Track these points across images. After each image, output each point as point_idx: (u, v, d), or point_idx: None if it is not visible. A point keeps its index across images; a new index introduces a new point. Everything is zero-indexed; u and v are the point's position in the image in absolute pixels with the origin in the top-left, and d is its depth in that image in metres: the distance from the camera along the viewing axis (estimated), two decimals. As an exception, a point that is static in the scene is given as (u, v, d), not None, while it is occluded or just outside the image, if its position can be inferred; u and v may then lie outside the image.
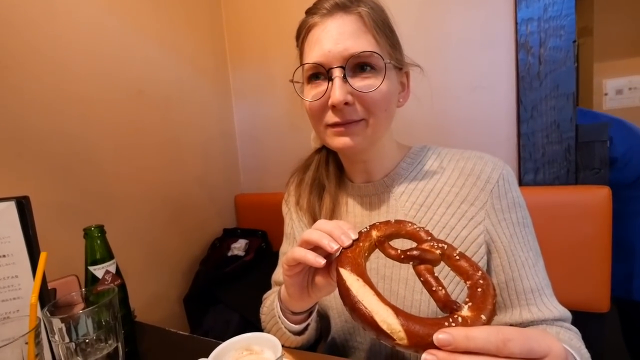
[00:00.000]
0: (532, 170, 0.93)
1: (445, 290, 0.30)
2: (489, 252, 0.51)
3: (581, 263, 0.83)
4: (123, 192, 0.93)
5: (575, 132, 0.88)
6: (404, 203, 0.55)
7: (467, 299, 0.29)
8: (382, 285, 0.54)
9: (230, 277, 1.03)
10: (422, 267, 0.32)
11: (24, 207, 0.53)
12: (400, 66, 0.53)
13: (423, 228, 0.37)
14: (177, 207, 1.10)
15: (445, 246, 0.34)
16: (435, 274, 0.32)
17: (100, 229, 0.58)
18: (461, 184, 0.53)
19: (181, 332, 0.64)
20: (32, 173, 0.73)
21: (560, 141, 0.89)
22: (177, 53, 1.13)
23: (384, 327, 0.27)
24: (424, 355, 0.25)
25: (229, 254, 1.12)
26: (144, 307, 0.95)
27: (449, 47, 0.98)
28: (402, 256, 0.34)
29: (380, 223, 0.39)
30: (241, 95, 1.38)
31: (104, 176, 0.88)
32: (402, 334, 0.27)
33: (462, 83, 0.98)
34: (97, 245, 0.57)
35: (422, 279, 0.32)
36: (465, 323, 0.27)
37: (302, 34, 0.53)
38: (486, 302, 0.28)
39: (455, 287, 0.51)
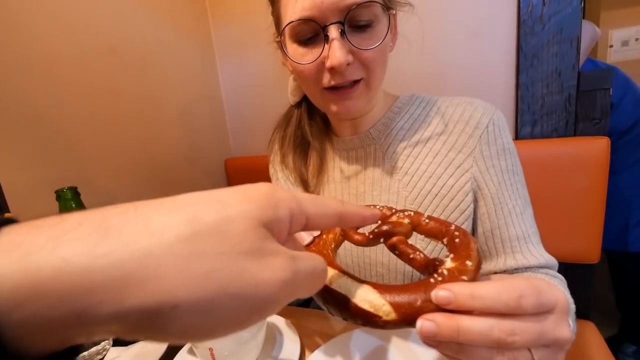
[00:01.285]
0: (529, 122, 0.89)
1: (424, 254, 0.28)
2: (475, 200, 0.50)
3: (575, 214, 0.82)
4: (102, 159, 0.89)
5: (578, 81, 0.83)
6: (391, 154, 0.53)
7: (448, 252, 0.27)
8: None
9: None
10: (394, 239, 0.30)
11: (-13, 169, 0.50)
12: (391, 7, 0.48)
13: (385, 206, 0.34)
14: (164, 173, 1.07)
15: (412, 213, 0.31)
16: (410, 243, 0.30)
17: (74, 190, 0.55)
18: (449, 131, 0.51)
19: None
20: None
21: (561, 91, 0.85)
22: (152, 6, 1.04)
23: (366, 306, 0.24)
24: (419, 323, 0.21)
25: (221, 218, 1.11)
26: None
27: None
28: (371, 236, 0.31)
29: None
30: (225, 54, 1.29)
31: (79, 143, 0.84)
32: (388, 307, 0.23)
33: (459, 29, 0.90)
34: (72, 208, 0.55)
35: (397, 252, 0.29)
36: (452, 274, 0.24)
37: None
38: (468, 248, 0.26)
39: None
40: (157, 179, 1.04)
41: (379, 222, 0.31)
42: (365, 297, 0.24)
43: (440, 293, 0.21)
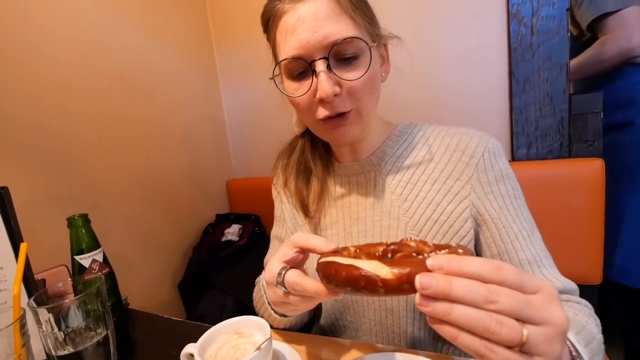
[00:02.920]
0: (524, 145, 0.92)
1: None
2: (477, 226, 0.51)
3: (574, 235, 0.83)
4: (109, 181, 0.91)
5: (569, 104, 0.86)
6: (390, 181, 0.55)
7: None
8: None
9: (225, 262, 1.04)
10: (399, 255, 0.32)
11: (3, 197, 0.52)
12: (379, 41, 0.51)
13: (393, 242, 0.37)
14: (168, 195, 1.09)
15: (418, 239, 0.34)
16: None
17: (84, 218, 0.57)
18: (447, 160, 0.53)
19: (174, 318, 0.64)
20: (10, 163, 0.71)
21: (554, 114, 0.88)
22: (159, 35, 1.09)
23: (368, 267, 0.27)
24: (417, 278, 0.24)
25: (223, 239, 1.12)
26: (139, 295, 0.96)
27: (437, 18, 0.95)
28: (379, 254, 0.34)
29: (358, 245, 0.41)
30: (228, 78, 1.34)
31: (87, 165, 0.86)
32: (386, 269, 0.26)
33: (452, 56, 0.95)
34: (82, 235, 0.56)
35: (402, 260, 0.32)
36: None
37: (271, 22, 0.50)
38: (465, 248, 0.29)
39: None
40: (160, 200, 1.06)
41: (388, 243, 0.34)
42: (368, 263, 0.28)
43: (433, 261, 0.25)
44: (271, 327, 0.54)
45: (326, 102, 0.46)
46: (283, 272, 0.39)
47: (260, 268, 0.72)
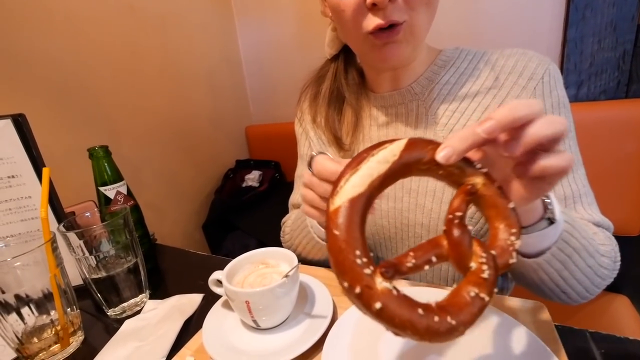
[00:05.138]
0: (574, 84, 0.82)
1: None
2: None
3: (618, 184, 0.77)
4: (127, 117, 0.90)
5: (636, 35, 0.75)
6: (435, 110, 0.49)
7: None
8: (408, 199, 0.50)
9: (246, 206, 1.04)
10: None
11: (21, 125, 0.50)
12: None
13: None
14: (187, 138, 1.08)
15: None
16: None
17: (105, 149, 0.55)
18: (500, 85, 0.46)
19: (200, 252, 0.65)
20: (26, 94, 0.70)
21: (615, 47, 0.77)
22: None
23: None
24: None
25: (243, 184, 1.12)
26: (165, 234, 0.99)
27: None
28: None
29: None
30: (244, 15, 1.24)
31: (102, 99, 0.84)
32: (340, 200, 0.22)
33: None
34: (104, 166, 0.55)
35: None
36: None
37: None
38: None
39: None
40: (180, 141, 1.05)
41: None
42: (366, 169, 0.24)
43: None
44: (305, 259, 0.53)
45: (379, 7, 0.39)
46: (318, 153, 0.36)
47: (281, 212, 0.71)
